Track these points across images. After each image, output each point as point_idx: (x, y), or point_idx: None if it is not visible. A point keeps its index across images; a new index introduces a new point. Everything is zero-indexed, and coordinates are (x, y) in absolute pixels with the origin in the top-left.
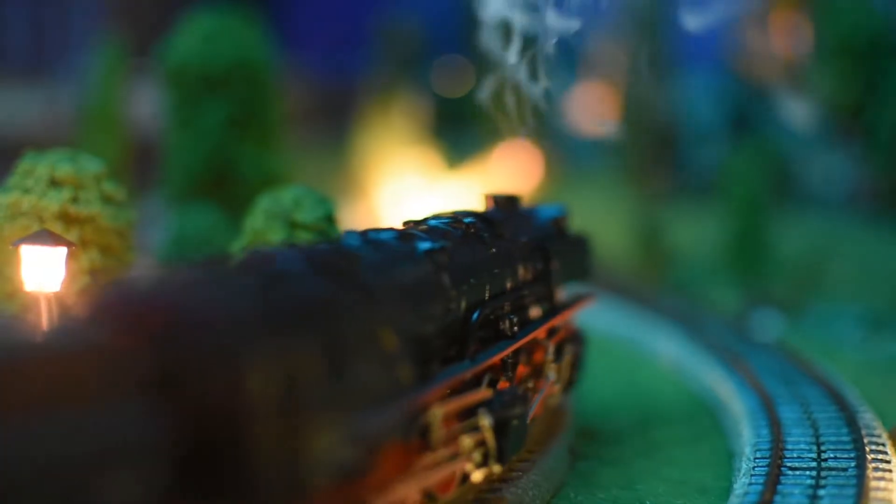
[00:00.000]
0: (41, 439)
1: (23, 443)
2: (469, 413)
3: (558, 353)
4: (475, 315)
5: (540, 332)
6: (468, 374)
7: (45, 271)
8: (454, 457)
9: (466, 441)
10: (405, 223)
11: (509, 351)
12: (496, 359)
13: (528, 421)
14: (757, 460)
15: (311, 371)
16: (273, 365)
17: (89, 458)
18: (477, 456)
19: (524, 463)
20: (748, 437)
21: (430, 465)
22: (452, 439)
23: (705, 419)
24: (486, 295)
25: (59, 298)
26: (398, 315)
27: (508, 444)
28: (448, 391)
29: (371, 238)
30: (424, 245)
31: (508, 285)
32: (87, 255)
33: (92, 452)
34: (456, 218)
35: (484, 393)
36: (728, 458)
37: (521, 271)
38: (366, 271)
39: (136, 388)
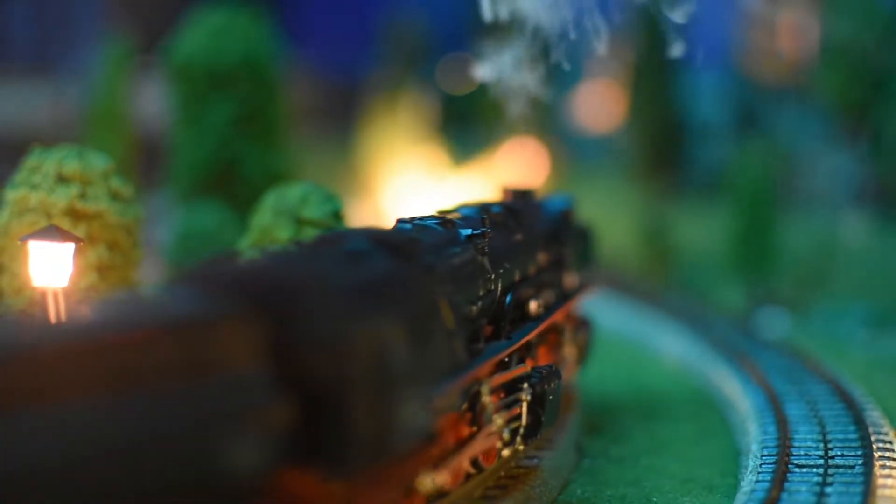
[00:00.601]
0: (183, 402)
1: (167, 406)
2: (510, 388)
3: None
4: (509, 297)
5: (559, 315)
6: (509, 352)
7: (52, 267)
8: (498, 429)
9: (501, 416)
10: (440, 212)
11: (539, 330)
12: (531, 336)
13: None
14: (764, 458)
15: (398, 342)
16: (374, 335)
17: (222, 419)
18: (513, 428)
19: (531, 460)
20: (755, 435)
21: (479, 436)
22: (496, 412)
23: (712, 416)
24: (516, 278)
25: (66, 294)
26: (453, 294)
27: (548, 415)
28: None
29: (419, 224)
30: (466, 231)
31: (532, 270)
32: (95, 251)
33: (223, 414)
34: (484, 207)
35: (524, 368)
36: (735, 456)
37: (540, 257)
38: (425, 253)
39: (255, 356)
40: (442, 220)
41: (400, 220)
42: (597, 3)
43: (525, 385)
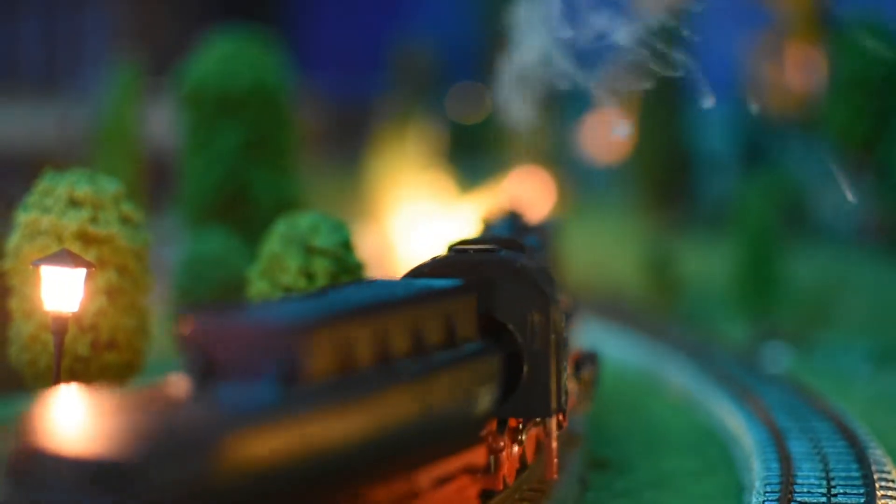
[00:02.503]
0: (450, 357)
1: (444, 359)
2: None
3: (577, 369)
4: None
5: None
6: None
7: (64, 292)
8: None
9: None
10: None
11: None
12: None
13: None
14: (767, 494)
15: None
16: (559, 310)
17: (480, 378)
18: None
19: (534, 492)
20: (758, 471)
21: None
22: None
23: (715, 450)
24: None
25: (76, 318)
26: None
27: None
28: None
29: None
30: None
31: None
32: (105, 275)
33: (481, 375)
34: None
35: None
36: (738, 492)
37: None
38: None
39: (479, 329)
40: (509, 241)
41: (455, 248)
42: (605, 35)
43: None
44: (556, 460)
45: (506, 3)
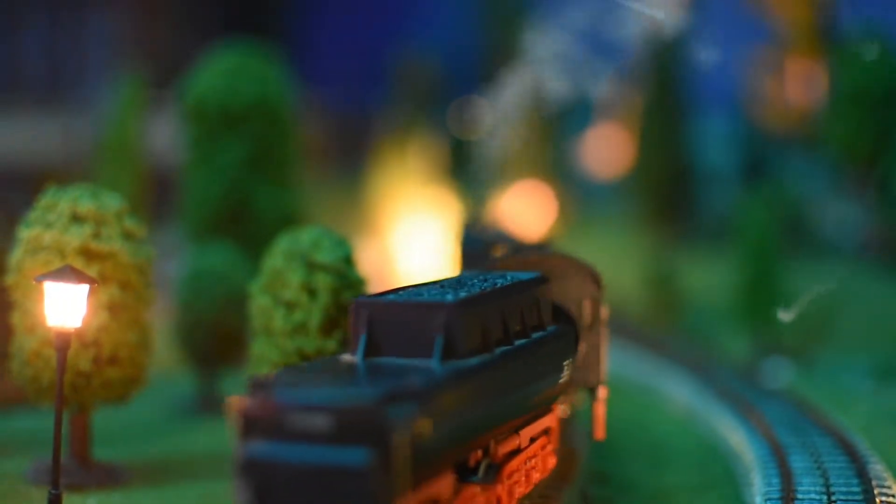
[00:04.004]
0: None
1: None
2: None
3: None
4: None
5: None
6: None
7: (67, 307)
8: None
9: None
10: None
11: None
12: None
13: None
14: None
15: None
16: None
17: (560, 350)
18: None
19: None
20: (759, 486)
21: None
22: None
23: (717, 466)
24: None
25: (79, 334)
26: None
27: None
28: None
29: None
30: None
31: None
32: (107, 290)
33: (563, 348)
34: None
35: None
36: None
37: None
38: None
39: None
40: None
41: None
42: (605, 49)
43: None
44: (603, 425)
45: (509, 19)
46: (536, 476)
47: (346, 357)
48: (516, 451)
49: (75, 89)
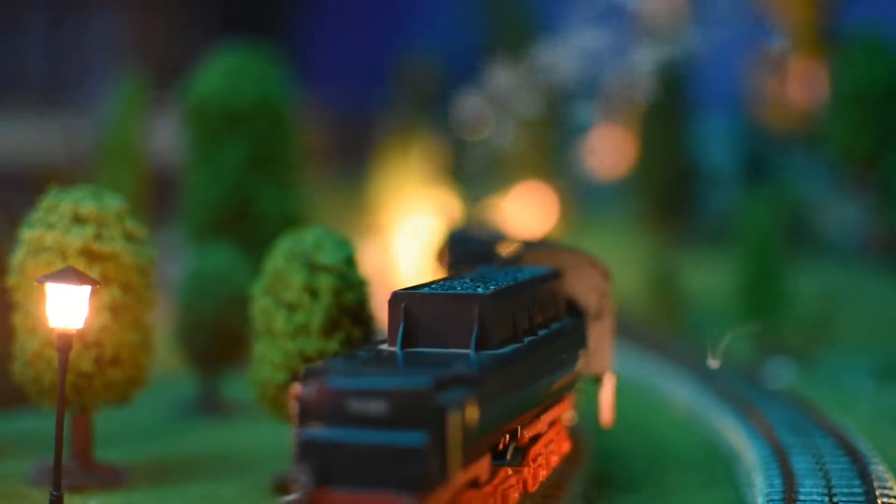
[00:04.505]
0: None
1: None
2: None
3: None
4: None
5: None
6: None
7: (68, 308)
8: None
9: None
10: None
11: None
12: None
13: None
14: None
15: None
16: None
17: (575, 340)
18: None
19: None
20: (761, 487)
21: None
22: None
23: (718, 466)
24: None
25: (80, 335)
26: None
27: None
28: None
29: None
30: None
31: None
32: (109, 291)
33: (577, 338)
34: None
35: None
36: None
37: None
38: None
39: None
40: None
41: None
42: (609, 52)
43: None
44: (610, 411)
45: (510, 19)
46: (555, 460)
47: (384, 347)
48: (538, 436)
49: (77, 90)
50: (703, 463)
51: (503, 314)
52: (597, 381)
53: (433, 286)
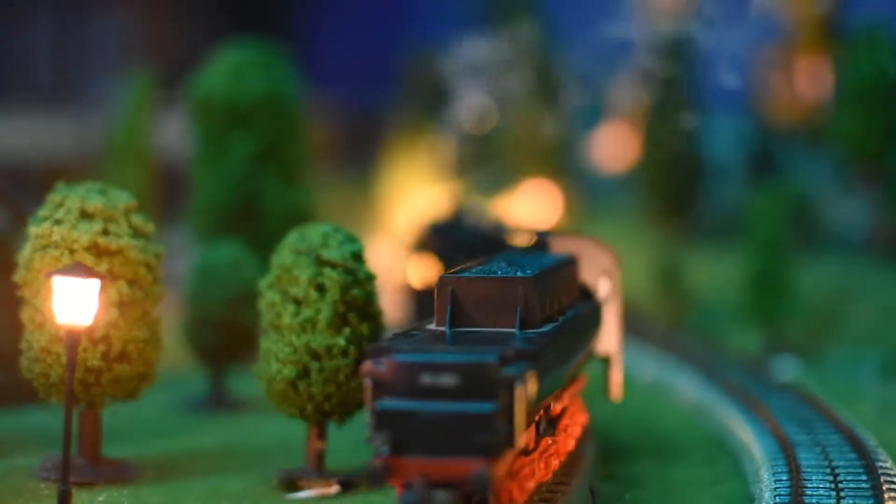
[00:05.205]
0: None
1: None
2: None
3: None
4: None
5: None
6: None
7: (76, 304)
8: None
9: None
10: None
11: None
12: None
13: None
14: None
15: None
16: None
17: (592, 321)
18: None
19: (545, 503)
20: (768, 482)
21: None
22: None
23: (725, 461)
24: None
25: (88, 330)
26: None
27: None
28: None
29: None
30: None
31: None
32: (116, 287)
33: (594, 320)
34: None
35: None
36: (747, 502)
37: None
38: None
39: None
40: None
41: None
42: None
43: None
44: (619, 387)
45: (515, 16)
46: (577, 431)
47: (433, 327)
48: (565, 409)
49: (85, 88)
50: (710, 457)
51: (543, 295)
52: (605, 360)
53: (474, 270)
